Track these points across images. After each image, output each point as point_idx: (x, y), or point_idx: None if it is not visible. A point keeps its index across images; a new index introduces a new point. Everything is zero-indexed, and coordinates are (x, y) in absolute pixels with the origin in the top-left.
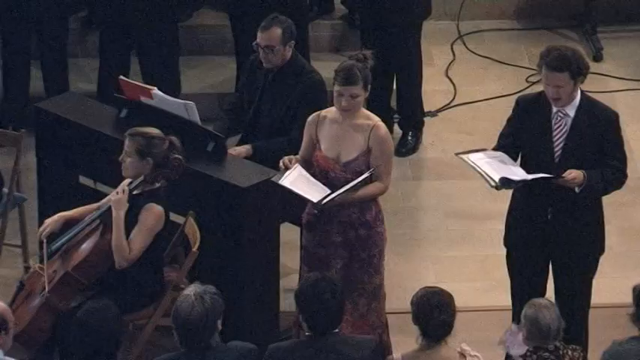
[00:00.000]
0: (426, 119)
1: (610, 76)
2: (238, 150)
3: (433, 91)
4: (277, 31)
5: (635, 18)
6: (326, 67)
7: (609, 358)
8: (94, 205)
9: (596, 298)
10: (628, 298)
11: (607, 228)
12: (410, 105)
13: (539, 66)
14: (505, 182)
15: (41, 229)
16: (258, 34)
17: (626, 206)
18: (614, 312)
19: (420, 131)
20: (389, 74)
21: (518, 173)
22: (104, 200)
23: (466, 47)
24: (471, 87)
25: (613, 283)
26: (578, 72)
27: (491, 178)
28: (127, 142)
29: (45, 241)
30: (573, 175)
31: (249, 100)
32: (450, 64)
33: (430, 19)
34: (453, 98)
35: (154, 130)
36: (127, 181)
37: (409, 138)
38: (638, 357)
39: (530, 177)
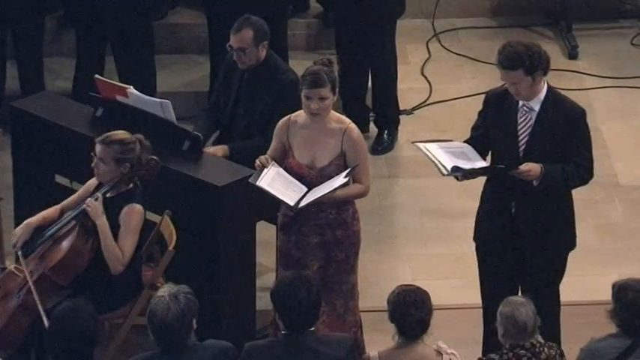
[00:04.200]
0: (402, 117)
1: (585, 73)
2: (214, 150)
3: (408, 89)
4: (249, 33)
5: (610, 16)
6: (301, 66)
7: (587, 354)
8: (58, 207)
9: (571, 296)
10: (603, 296)
11: (582, 225)
12: (386, 103)
13: (496, 64)
14: (456, 170)
15: (13, 242)
16: (231, 36)
17: (601, 204)
18: (590, 310)
19: (396, 129)
20: (364, 72)
21: (475, 163)
22: (66, 202)
23: (441, 45)
24: (447, 85)
25: (587, 281)
26: (533, 68)
27: (443, 166)
28: (100, 148)
29: (20, 252)
30: (528, 167)
31: (225, 99)
32: (425, 62)
33: (405, 17)
34: (429, 96)
35: (124, 135)
36: (93, 180)
37: (385, 136)
38: (615, 354)
39: (479, 165)
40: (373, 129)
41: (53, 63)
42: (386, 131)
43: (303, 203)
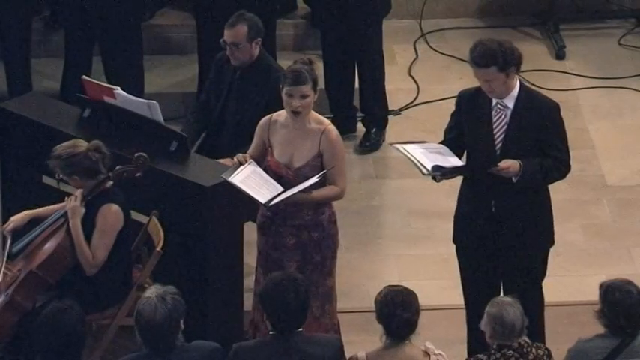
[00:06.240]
0: (390, 118)
1: (572, 73)
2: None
3: (396, 89)
4: (243, 29)
5: (598, 16)
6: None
7: (574, 355)
8: (61, 205)
9: (558, 296)
10: (591, 296)
11: (569, 225)
12: (373, 103)
13: (469, 62)
14: (437, 170)
15: (5, 225)
16: (225, 31)
17: (589, 204)
18: (577, 310)
19: (384, 129)
20: (351, 73)
21: (453, 163)
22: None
23: (429, 46)
24: (434, 85)
25: (575, 281)
26: (506, 64)
27: (423, 166)
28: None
29: (9, 237)
30: (508, 164)
31: (216, 98)
32: (412, 62)
33: (392, 18)
34: (416, 97)
35: (63, 148)
36: None
37: (372, 134)
38: (603, 354)
39: (459, 164)
40: (361, 129)
41: (41, 64)
42: (374, 129)
43: (274, 202)
